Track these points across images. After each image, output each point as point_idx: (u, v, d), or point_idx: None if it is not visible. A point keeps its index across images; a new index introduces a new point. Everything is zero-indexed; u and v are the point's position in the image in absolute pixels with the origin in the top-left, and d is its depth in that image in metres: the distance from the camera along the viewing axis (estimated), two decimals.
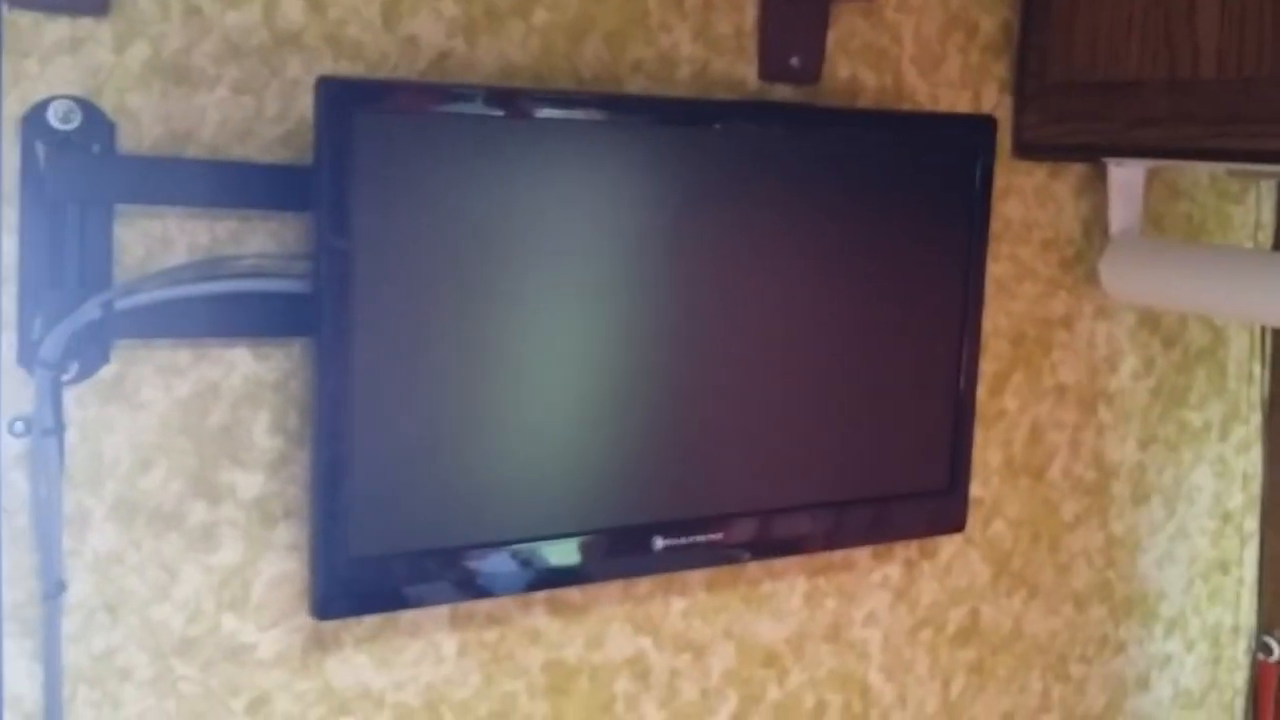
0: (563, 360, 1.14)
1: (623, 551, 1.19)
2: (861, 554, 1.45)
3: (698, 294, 1.20)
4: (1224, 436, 1.76)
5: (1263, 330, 1.77)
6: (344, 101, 1.01)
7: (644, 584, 1.31)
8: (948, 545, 1.52)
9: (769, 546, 1.27)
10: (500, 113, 1.08)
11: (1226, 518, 1.78)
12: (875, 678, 1.49)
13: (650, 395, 1.19)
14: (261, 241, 1.09)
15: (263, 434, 1.11)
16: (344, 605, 1.06)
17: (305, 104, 1.09)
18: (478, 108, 1.07)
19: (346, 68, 1.11)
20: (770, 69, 1.32)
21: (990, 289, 1.49)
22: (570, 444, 1.15)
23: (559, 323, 1.13)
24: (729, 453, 1.23)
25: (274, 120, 1.09)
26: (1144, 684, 1.74)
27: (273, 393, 1.11)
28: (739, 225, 1.22)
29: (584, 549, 1.17)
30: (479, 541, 1.12)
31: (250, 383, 1.10)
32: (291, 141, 1.09)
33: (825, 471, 1.29)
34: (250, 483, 1.11)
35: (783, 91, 1.34)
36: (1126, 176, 1.54)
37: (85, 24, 1.01)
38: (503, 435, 1.12)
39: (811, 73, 1.35)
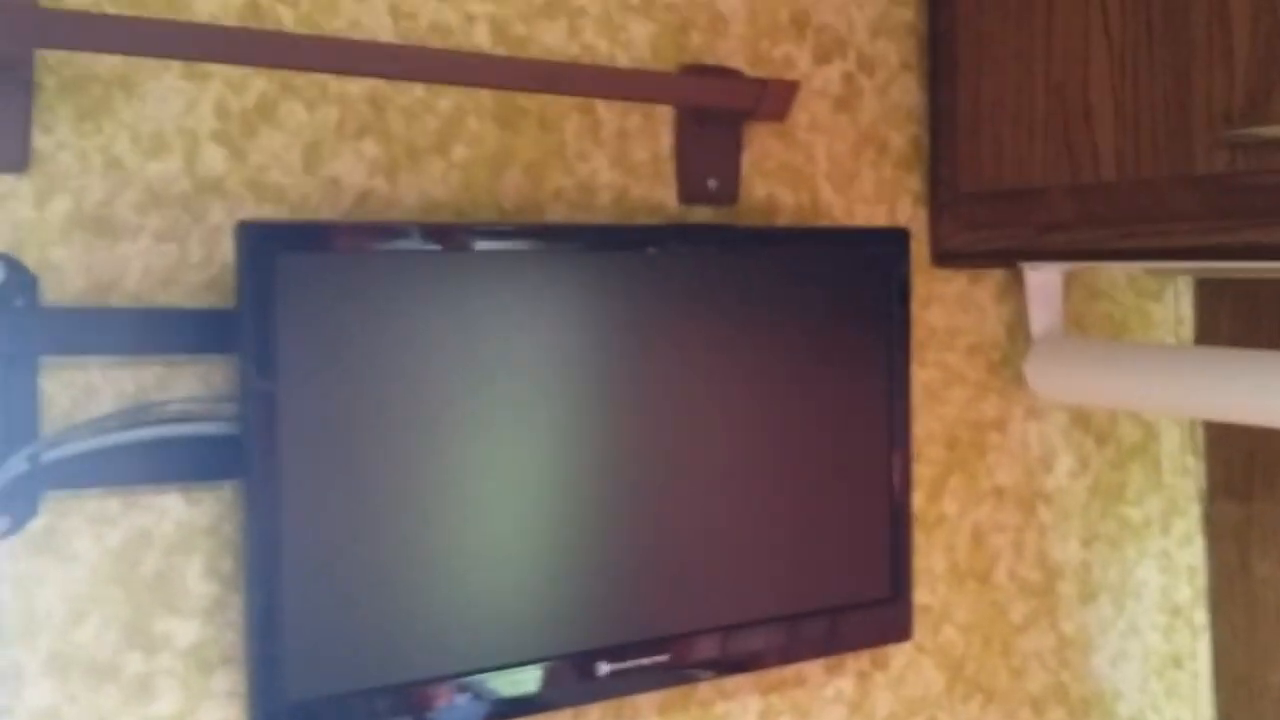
0: (499, 489, 1.14)
1: (568, 679, 1.18)
2: (813, 668, 1.45)
3: (631, 416, 1.21)
4: (1165, 530, 1.78)
5: (1193, 423, 1.80)
6: (264, 244, 1.03)
7: (593, 711, 1.30)
8: (899, 654, 1.52)
9: (716, 665, 1.27)
10: (423, 247, 1.10)
11: (1176, 612, 1.79)
12: None
13: (588, 519, 1.19)
14: (188, 386, 1.09)
15: (197, 580, 1.10)
16: None
17: (228, 249, 1.11)
18: (400, 243, 1.09)
19: (270, 211, 1.13)
20: (688, 192, 1.36)
21: (921, 395, 1.52)
22: (509, 573, 1.15)
23: (493, 452, 1.14)
24: (671, 573, 1.23)
25: (198, 266, 1.10)
26: None
27: (205, 537, 1.10)
28: (668, 347, 1.24)
29: (529, 678, 1.15)
30: (419, 678, 1.10)
31: (182, 528, 1.09)
32: (216, 286, 1.11)
33: (771, 586, 1.29)
34: (186, 630, 1.10)
35: (702, 213, 1.38)
36: (1043, 279, 1.58)
37: (6, 180, 1.03)
38: (440, 568, 1.11)
39: (729, 194, 1.38)
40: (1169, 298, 1.79)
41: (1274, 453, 1.73)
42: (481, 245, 1.14)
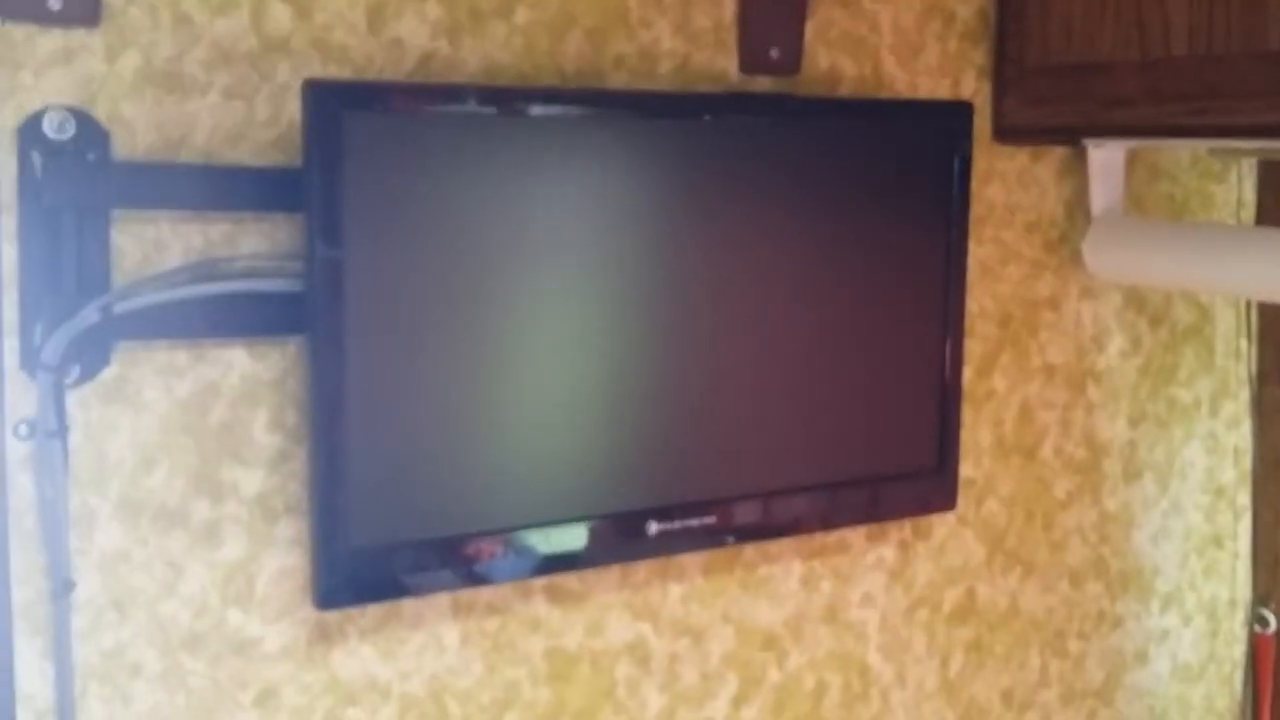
0: (554, 351, 1.16)
1: (618, 537, 1.21)
2: (856, 536, 1.48)
3: (686, 284, 1.22)
4: (1214, 412, 1.78)
5: (1248, 306, 1.79)
6: (330, 104, 1.04)
7: (641, 570, 1.34)
8: (941, 525, 1.54)
9: (762, 529, 1.30)
10: (486, 111, 1.11)
11: (1219, 493, 1.80)
12: (874, 658, 1.51)
13: (642, 383, 1.21)
14: (255, 243, 1.11)
15: (262, 432, 1.13)
16: (345, 596, 1.09)
17: (295, 108, 1.12)
18: (463, 107, 1.10)
19: (334, 71, 1.14)
20: (750, 61, 1.35)
21: (975, 272, 1.51)
22: (565, 432, 1.18)
23: (550, 314, 1.16)
24: (721, 437, 1.26)
25: (265, 124, 1.11)
26: (1142, 658, 1.76)
27: (270, 391, 1.13)
28: (725, 216, 1.24)
29: (580, 535, 1.19)
30: (477, 530, 1.14)
31: (248, 381, 1.12)
32: (282, 145, 1.12)
33: (817, 453, 1.32)
34: (251, 480, 1.13)
35: (763, 83, 1.37)
36: (1106, 158, 1.56)
37: (78, 35, 1.04)
38: (498, 425, 1.14)
39: (791, 64, 1.37)
40: (1232, 180, 1.76)
41: None
42: (540, 110, 1.14)
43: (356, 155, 1.04)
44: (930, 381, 1.37)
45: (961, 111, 1.36)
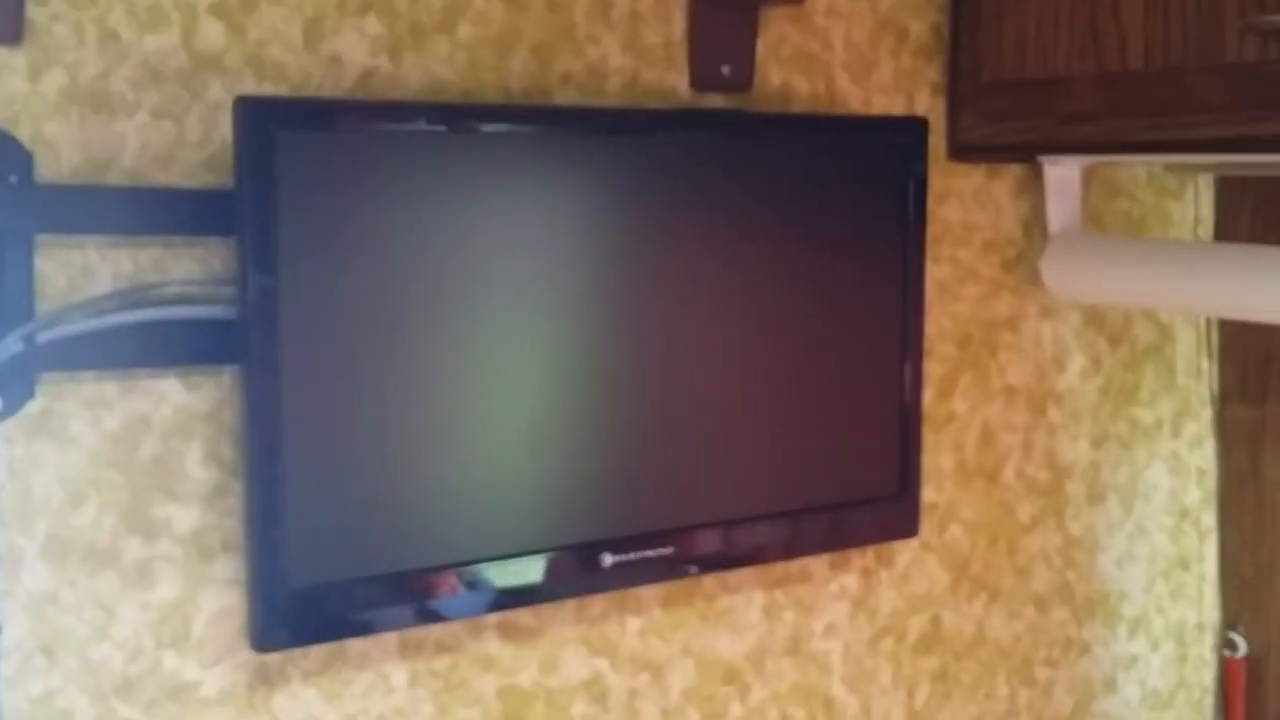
0: (502, 378, 1.12)
1: (572, 570, 1.17)
2: (818, 564, 1.44)
3: (639, 305, 1.19)
4: (1176, 433, 1.76)
5: (1208, 323, 1.78)
6: (264, 122, 0.99)
7: (597, 603, 1.29)
8: (904, 551, 1.51)
9: (722, 559, 1.26)
10: (430, 128, 1.07)
11: (1184, 514, 1.78)
12: (838, 690, 1.47)
13: (595, 409, 1.17)
14: (186, 268, 1.07)
15: (196, 465, 1.08)
16: (285, 637, 1.04)
17: (227, 127, 1.07)
18: (404, 124, 1.06)
19: (269, 89, 1.10)
20: (701, 78, 1.32)
21: (933, 292, 1.49)
22: (513, 463, 1.13)
23: (497, 340, 1.12)
24: (677, 465, 1.22)
25: (196, 145, 1.07)
26: (1111, 685, 1.73)
27: (204, 423, 1.08)
28: (677, 236, 1.21)
29: (532, 568, 1.14)
30: (423, 565, 1.09)
31: (181, 413, 1.08)
32: (214, 165, 1.08)
33: (776, 480, 1.28)
34: (186, 516, 1.08)
35: (715, 101, 1.34)
36: (1063, 175, 1.54)
37: None
38: (443, 456, 1.10)
39: (743, 81, 1.34)
40: (1189, 196, 1.75)
41: None
42: (488, 128, 1.11)
43: (292, 176, 1.00)
44: (890, 405, 1.34)
45: (916, 128, 1.34)
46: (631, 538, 1.19)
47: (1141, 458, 1.73)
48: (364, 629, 1.07)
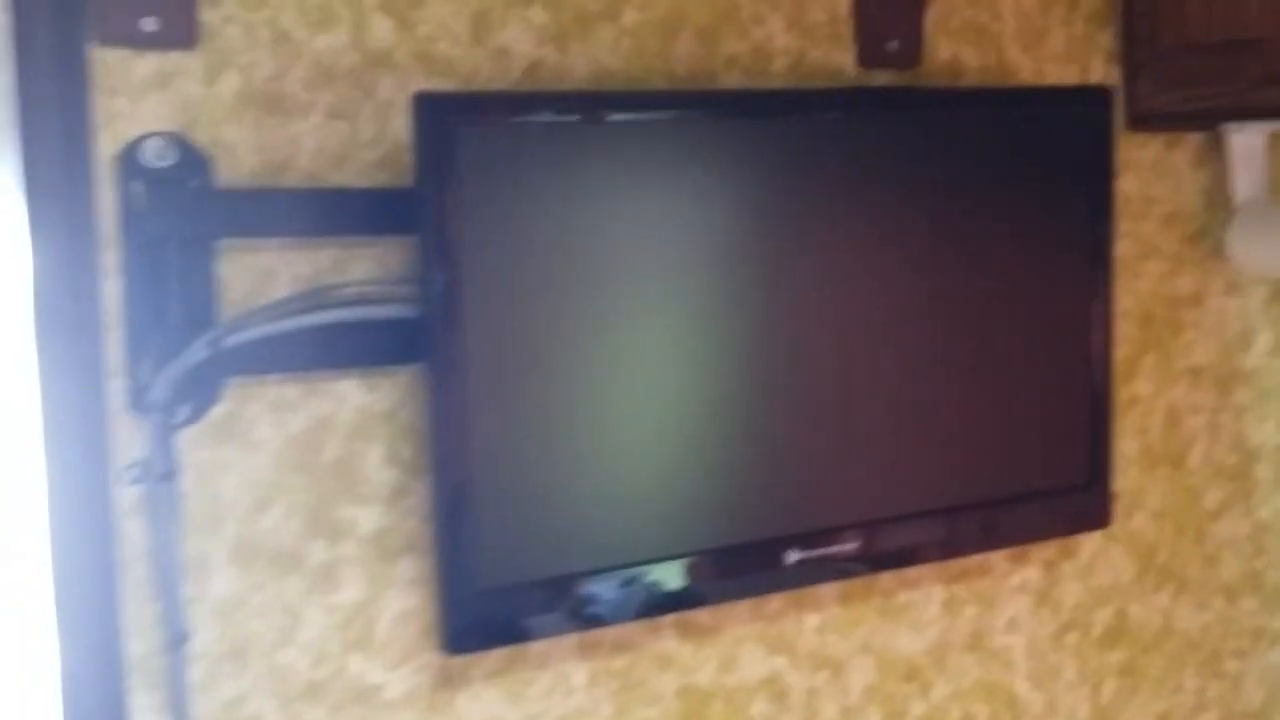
0: (680, 372, 1.09)
1: (754, 567, 1.13)
2: (998, 557, 1.38)
3: (811, 294, 1.15)
4: None
5: None
6: (443, 117, 0.98)
7: (774, 601, 1.26)
8: (1088, 543, 1.45)
9: (906, 554, 1.22)
10: (598, 118, 1.04)
11: None
12: (1022, 686, 1.42)
13: (769, 404, 1.13)
14: (365, 268, 1.06)
15: (377, 467, 1.07)
16: (474, 639, 1.02)
17: (399, 125, 1.06)
18: (576, 114, 1.04)
19: (439, 84, 1.08)
20: (868, 55, 1.27)
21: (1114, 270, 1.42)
22: (689, 459, 1.10)
23: (672, 334, 1.09)
24: (859, 457, 1.18)
25: (369, 144, 1.06)
26: None
27: (384, 424, 1.07)
28: (848, 220, 1.17)
29: (711, 568, 1.12)
30: (605, 566, 1.07)
31: (362, 414, 1.07)
32: (388, 164, 1.06)
33: (958, 473, 1.23)
34: (368, 518, 1.07)
35: (882, 77, 1.29)
36: (1248, 142, 1.46)
37: (174, 57, 0.99)
38: (623, 453, 1.07)
39: (911, 56, 1.29)
40: None
41: None
42: (657, 115, 1.08)
43: (470, 170, 0.98)
44: (1078, 390, 1.28)
45: (1098, 98, 1.27)
46: (814, 534, 1.15)
47: None
48: (549, 630, 1.06)
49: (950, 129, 1.22)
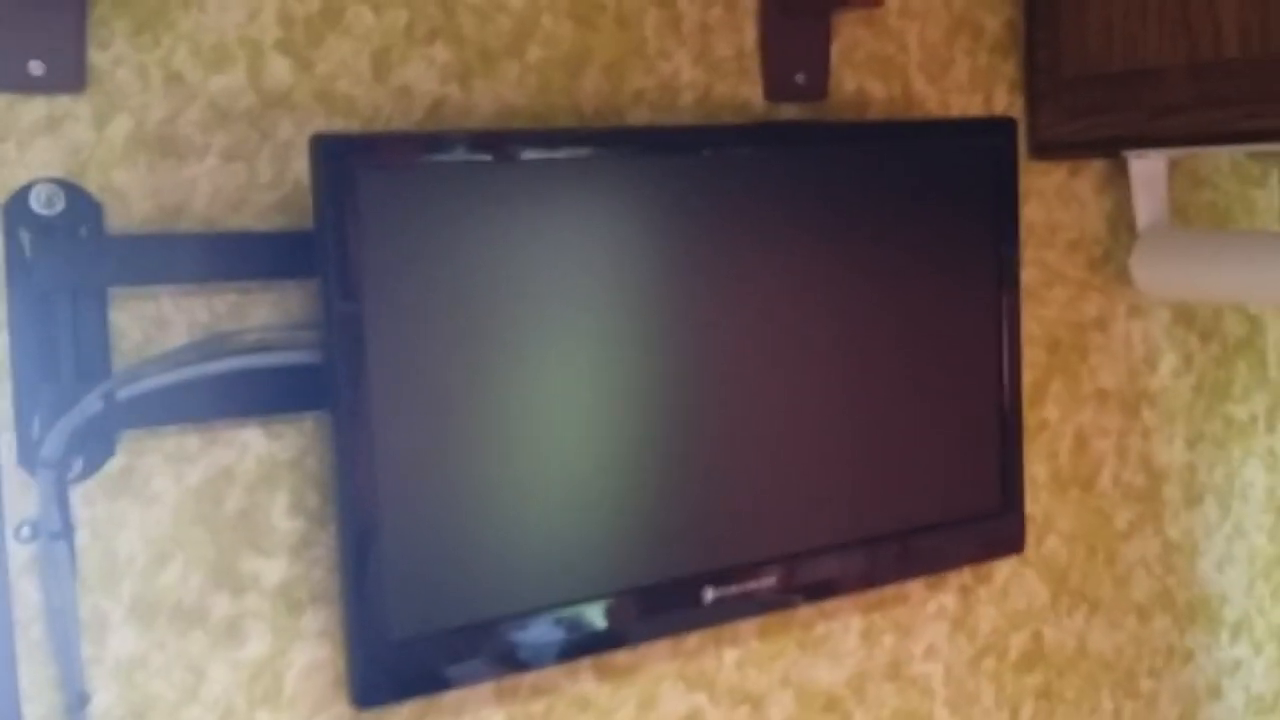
0: (589, 411, 1.08)
1: (672, 606, 1.12)
2: (915, 585, 1.39)
3: (722, 329, 1.14)
4: (1271, 428, 1.70)
5: None
6: (341, 159, 0.96)
7: (693, 638, 1.25)
8: (1003, 567, 1.45)
9: (824, 587, 1.21)
10: (503, 156, 1.03)
11: None
12: (941, 713, 1.42)
13: (684, 440, 1.12)
14: (264, 314, 1.03)
15: (282, 516, 1.05)
16: (387, 692, 1.00)
17: (299, 166, 1.04)
18: (480, 153, 1.02)
19: (340, 124, 1.06)
20: (775, 88, 1.27)
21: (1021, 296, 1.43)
22: (604, 499, 1.09)
23: (582, 373, 1.08)
24: (771, 494, 1.17)
25: (268, 186, 1.04)
26: (1215, 693, 1.67)
27: (289, 472, 1.05)
28: (758, 254, 1.16)
29: (630, 607, 1.10)
30: (520, 610, 1.05)
31: (265, 463, 1.04)
32: (288, 207, 1.04)
33: (873, 503, 1.23)
34: (273, 569, 1.05)
35: (790, 110, 1.29)
36: (1149, 169, 1.48)
37: (62, 102, 0.96)
38: (534, 495, 1.06)
39: (818, 88, 1.30)
40: (1274, 183, 1.69)
41: None
42: (564, 153, 1.07)
43: (371, 212, 0.96)
44: (989, 417, 1.28)
45: (1004, 128, 1.29)
46: (732, 569, 1.14)
47: (1237, 455, 1.67)
48: (464, 679, 1.03)
49: (857, 161, 1.22)
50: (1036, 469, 1.48)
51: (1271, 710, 1.73)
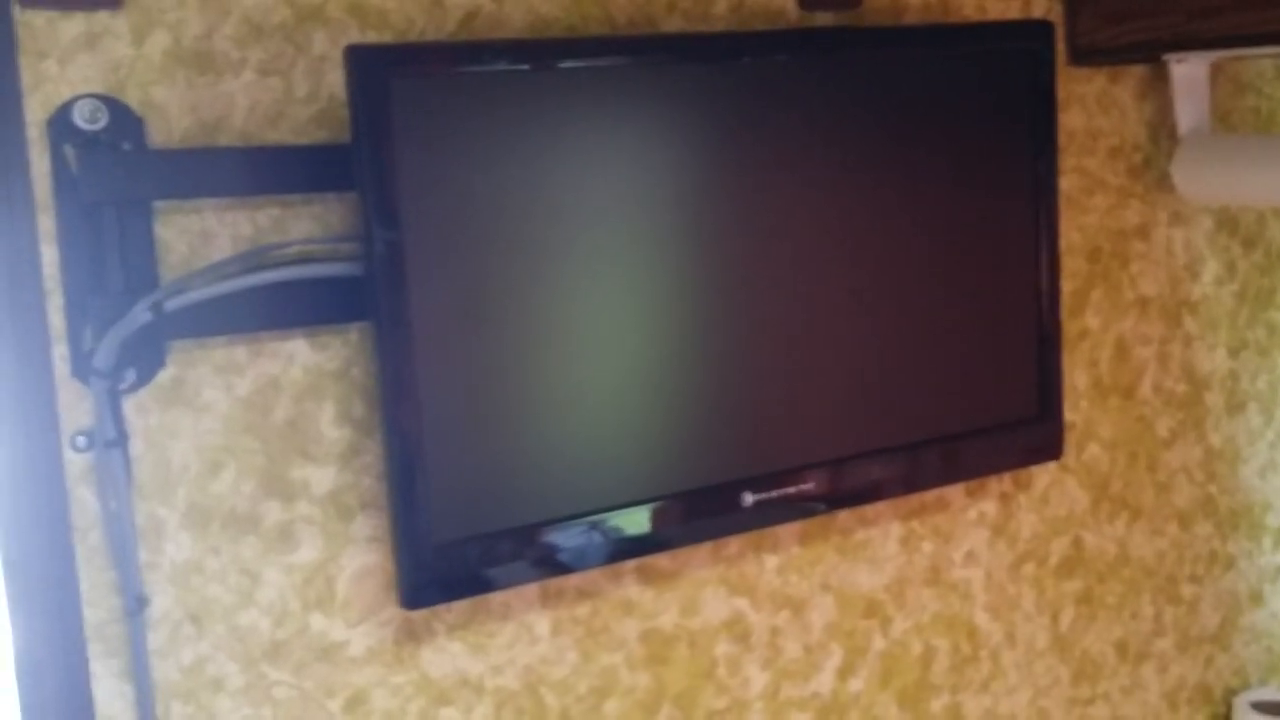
0: (627, 320, 1.09)
1: (712, 511, 1.14)
2: (954, 492, 1.40)
3: (759, 238, 1.15)
4: None
5: None
6: (377, 69, 0.97)
7: (734, 544, 1.27)
8: (1043, 475, 1.46)
9: (862, 492, 1.22)
10: (538, 66, 1.04)
11: None
12: (981, 618, 1.44)
13: (721, 348, 1.14)
14: (306, 227, 1.05)
15: (329, 425, 1.07)
16: (433, 594, 1.02)
17: (334, 80, 1.05)
18: (514, 63, 1.03)
19: (373, 37, 1.07)
20: None
21: (1059, 204, 1.42)
22: (643, 406, 1.11)
23: (618, 282, 1.09)
24: (809, 400, 1.18)
25: (304, 100, 1.05)
26: (1257, 599, 1.67)
27: (335, 382, 1.07)
28: (794, 162, 1.17)
29: (670, 513, 1.12)
30: (562, 515, 1.07)
31: (311, 374, 1.06)
32: (324, 120, 1.05)
33: (911, 410, 1.24)
34: (322, 477, 1.07)
35: (824, 18, 1.28)
36: (1190, 73, 1.46)
37: (101, 18, 0.97)
38: (574, 403, 1.07)
39: None
40: None
41: None
42: (596, 63, 1.07)
43: (408, 124, 0.97)
44: (1027, 323, 1.28)
45: (1042, 31, 1.27)
46: (771, 475, 1.16)
47: None
48: (508, 581, 1.06)
49: (893, 68, 1.22)
50: (1077, 377, 1.48)
51: None
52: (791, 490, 1.17)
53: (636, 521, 1.10)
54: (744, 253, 1.14)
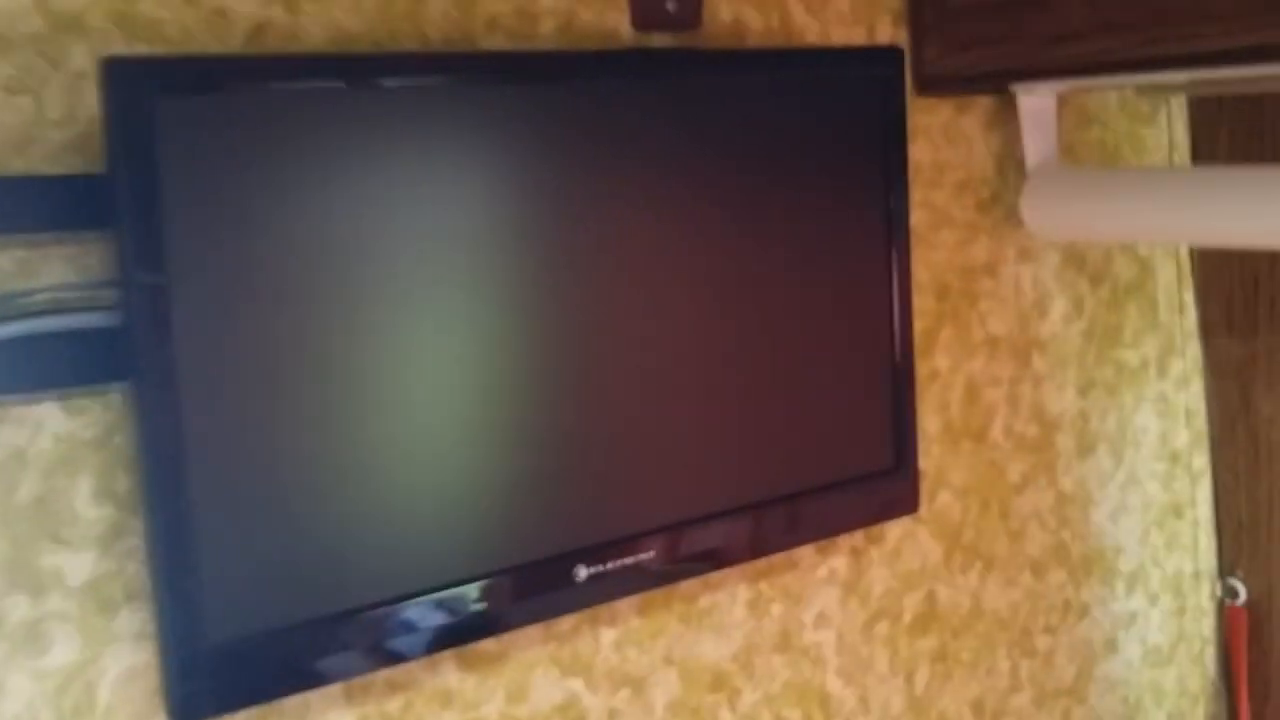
0: (439, 375, 0.96)
1: (540, 589, 1.01)
2: (804, 550, 1.30)
3: (590, 280, 1.03)
4: (1162, 373, 1.65)
5: (1190, 256, 1.66)
6: (140, 85, 0.82)
7: (567, 620, 1.14)
8: (894, 527, 1.38)
9: (704, 559, 1.11)
10: (334, 85, 0.90)
11: (1174, 458, 1.67)
12: (834, 683, 1.34)
13: (547, 404, 1.01)
14: (58, 270, 0.89)
15: (87, 504, 0.91)
16: (208, 702, 0.87)
17: (94, 99, 0.90)
18: (304, 81, 0.89)
19: (144, 51, 0.92)
20: (644, 16, 1.16)
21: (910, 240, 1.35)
22: (459, 473, 0.98)
23: (427, 330, 0.96)
24: (646, 461, 1.07)
25: (59, 123, 0.89)
26: (1112, 646, 1.62)
27: (93, 453, 0.91)
28: (628, 195, 1.05)
29: (493, 593, 0.99)
30: (365, 604, 0.94)
31: (64, 443, 0.90)
32: (82, 146, 0.90)
33: (757, 467, 1.14)
34: (79, 565, 0.91)
35: (660, 40, 1.18)
36: (1038, 105, 1.41)
37: None
38: (378, 472, 0.94)
39: (690, 17, 1.19)
40: (1162, 121, 1.63)
41: None
42: (403, 81, 0.94)
43: (175, 151, 0.83)
44: (878, 370, 1.20)
45: (891, 58, 1.19)
46: (606, 545, 1.04)
47: (1129, 402, 1.61)
48: (300, 685, 0.91)
49: (734, 94, 1.12)
50: (928, 421, 1.40)
51: (1168, 662, 1.69)
52: (629, 560, 1.05)
53: (454, 605, 0.97)
54: (571, 296, 1.02)
